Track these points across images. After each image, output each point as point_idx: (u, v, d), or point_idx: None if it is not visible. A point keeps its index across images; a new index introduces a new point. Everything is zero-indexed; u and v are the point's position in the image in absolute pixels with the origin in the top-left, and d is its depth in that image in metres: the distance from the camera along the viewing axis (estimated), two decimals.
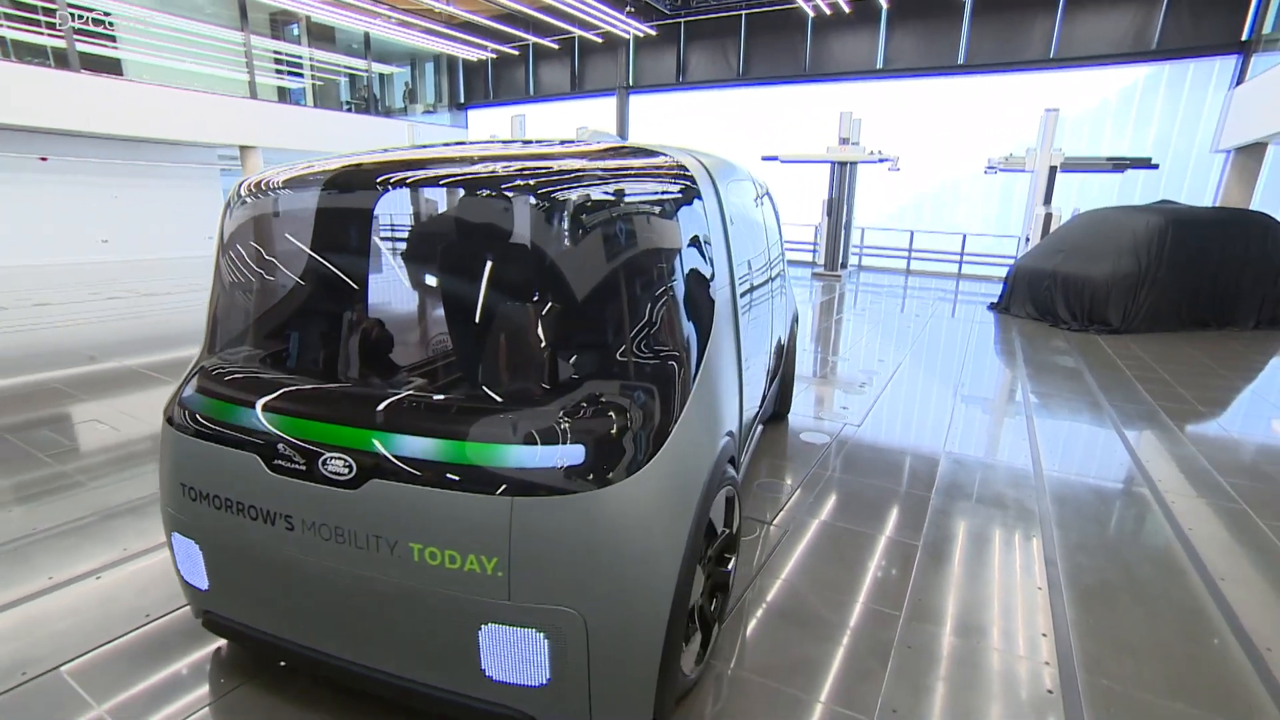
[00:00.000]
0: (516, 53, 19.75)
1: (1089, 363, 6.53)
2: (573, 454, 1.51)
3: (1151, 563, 2.88)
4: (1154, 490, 3.62)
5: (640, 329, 1.69)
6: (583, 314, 1.62)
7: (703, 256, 2.06)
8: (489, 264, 1.65)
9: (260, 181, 1.91)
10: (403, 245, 1.78)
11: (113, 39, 13.75)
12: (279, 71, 17.52)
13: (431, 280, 1.81)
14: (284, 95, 17.72)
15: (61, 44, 12.39)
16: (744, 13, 16.18)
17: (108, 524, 3.03)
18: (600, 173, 1.77)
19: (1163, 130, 13.17)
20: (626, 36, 17.04)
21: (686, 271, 1.92)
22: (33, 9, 12.04)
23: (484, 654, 1.56)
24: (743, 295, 2.55)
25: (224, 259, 1.97)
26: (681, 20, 16.93)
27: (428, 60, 21.50)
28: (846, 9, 13.99)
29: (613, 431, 1.56)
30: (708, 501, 1.81)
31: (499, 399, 1.59)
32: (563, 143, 2.20)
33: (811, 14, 14.70)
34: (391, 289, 1.79)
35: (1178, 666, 2.21)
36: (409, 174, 1.72)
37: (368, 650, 1.71)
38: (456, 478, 1.50)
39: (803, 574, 2.73)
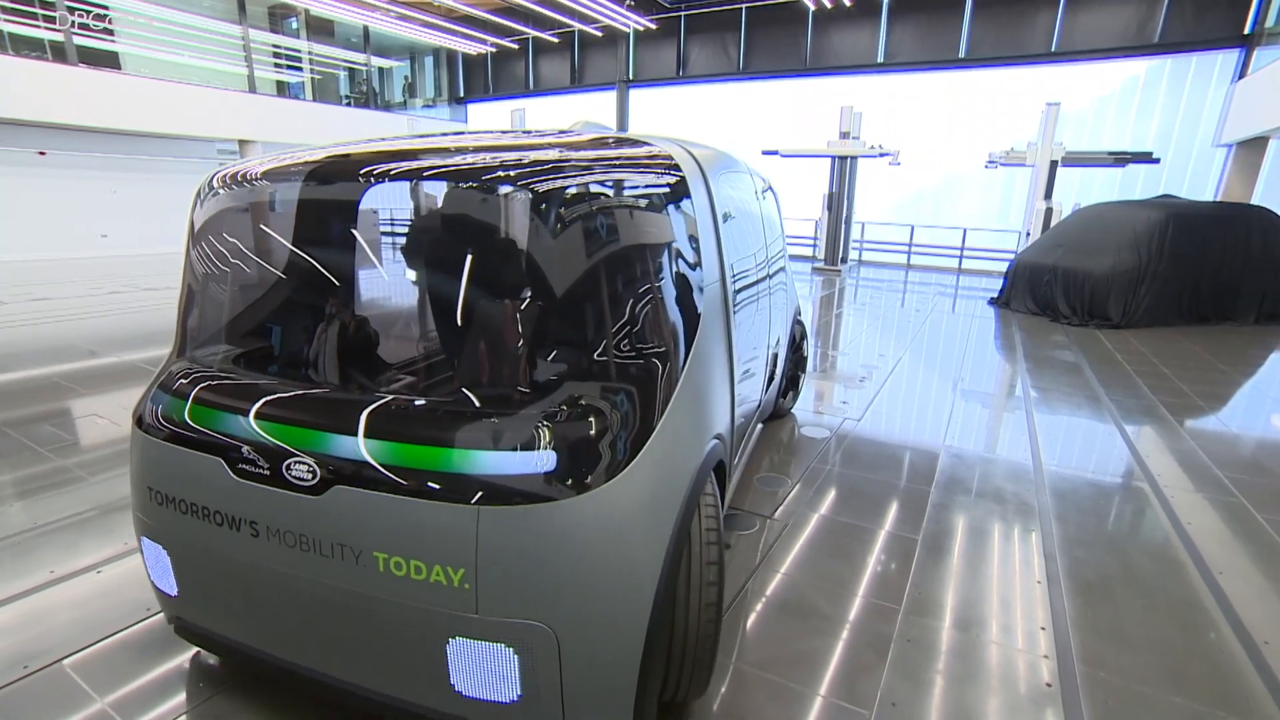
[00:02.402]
0: (516, 47, 19.67)
1: (1089, 358, 6.53)
2: (543, 460, 1.42)
3: (1150, 557, 2.89)
4: (1153, 485, 3.63)
5: (620, 328, 1.59)
6: (558, 311, 1.53)
7: (690, 251, 1.97)
8: (460, 259, 1.57)
9: (233, 173, 1.84)
10: (375, 239, 1.69)
11: (110, 32, 13.71)
12: (277, 65, 17.46)
13: (403, 276, 1.72)
14: (283, 89, 17.68)
15: (59, 37, 12.35)
16: (744, 6, 16.11)
17: (108, 518, 3.03)
18: (582, 163, 1.69)
19: (1164, 124, 13.13)
20: (626, 30, 16.98)
21: (671, 267, 1.83)
22: (30, 2, 11.99)
23: (453, 668, 1.50)
24: (736, 292, 2.45)
25: (193, 254, 1.88)
26: (681, 13, 16.86)
27: (427, 54, 21.42)
28: (847, 2, 13.93)
29: (586, 436, 1.47)
30: (691, 509, 1.69)
31: (469, 401, 1.51)
32: (547, 133, 2.10)
33: (812, 7, 14.63)
34: (364, 285, 1.70)
35: (1176, 660, 2.22)
36: (380, 166, 1.62)
37: (337, 662, 1.64)
38: (421, 485, 1.43)
39: (803, 568, 2.74)
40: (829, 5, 14.07)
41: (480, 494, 1.40)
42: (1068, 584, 2.65)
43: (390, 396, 1.57)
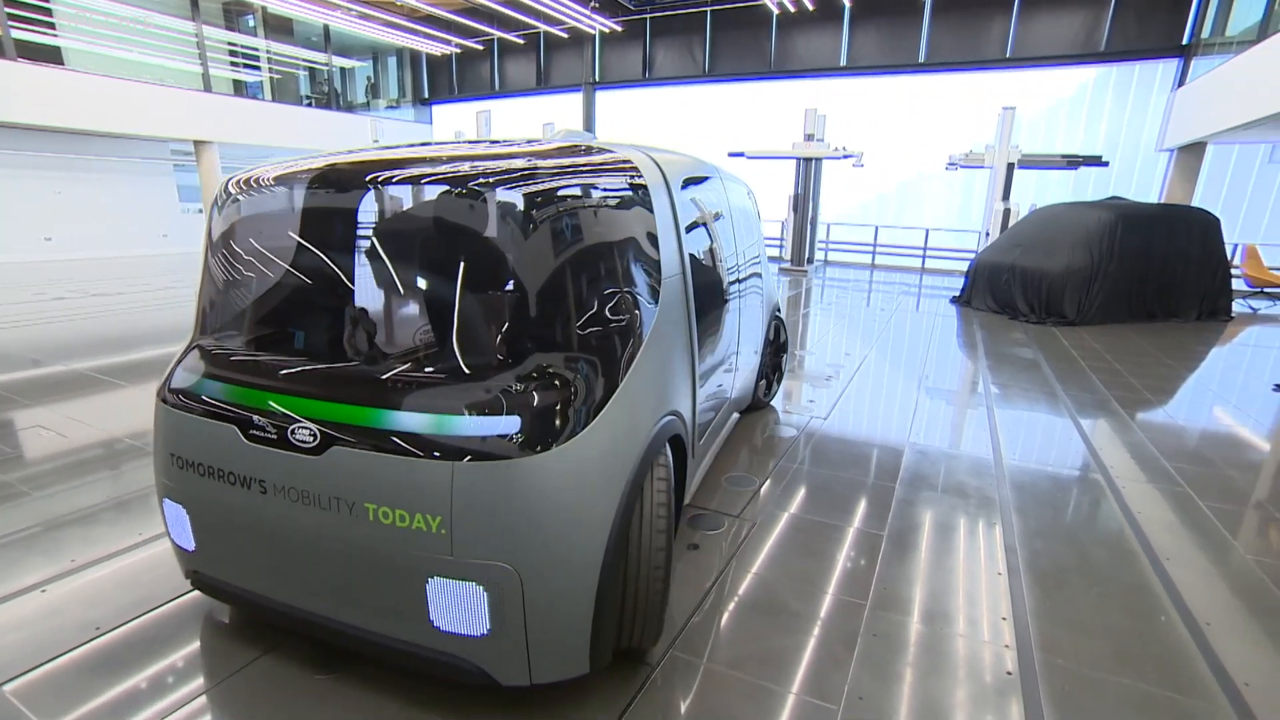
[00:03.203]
0: (481, 48, 19.49)
1: (1046, 354, 6.74)
2: (507, 424, 1.65)
3: (1104, 546, 2.99)
4: (1106, 476, 3.76)
5: (583, 311, 1.85)
6: (529, 297, 1.76)
7: (649, 246, 2.22)
8: (444, 252, 1.81)
9: (245, 178, 2.09)
10: (364, 237, 1.89)
11: (51, 25, 13.14)
12: (234, 64, 16.96)
13: (391, 269, 1.90)
14: (240, 88, 17.18)
15: None
16: (709, 9, 16.24)
17: (53, 535, 2.90)
18: (554, 170, 1.92)
19: (1112, 129, 13.67)
20: (592, 32, 16.95)
21: (630, 262, 2.08)
22: None
23: (432, 606, 1.71)
24: (698, 285, 2.64)
25: (211, 249, 2.13)
26: (647, 16, 16.91)
27: (390, 54, 21.06)
28: (810, 6, 14.15)
29: (544, 405, 1.70)
30: (643, 473, 1.90)
31: (447, 373, 1.74)
32: (527, 142, 2.29)
33: (776, 11, 14.83)
34: (360, 276, 1.90)
35: (1126, 644, 2.30)
36: (377, 173, 1.86)
37: (335, 604, 1.86)
38: (405, 444, 1.65)
39: (772, 566, 2.76)
40: (792, 9, 14.27)
41: (454, 452, 1.62)
42: (1027, 575, 2.73)
43: (381, 371, 1.79)
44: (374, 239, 1.88)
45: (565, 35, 17.55)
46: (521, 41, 18.60)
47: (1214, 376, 6.17)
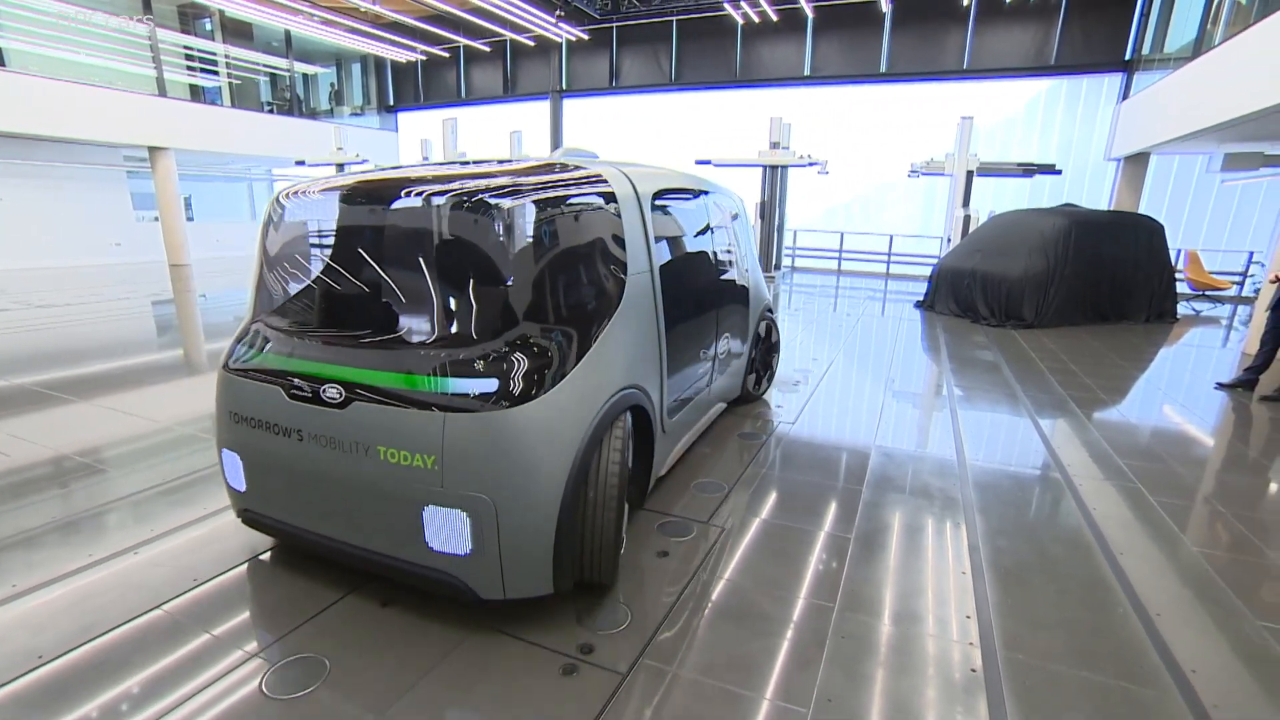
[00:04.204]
0: (447, 55, 19.33)
1: (1006, 356, 6.94)
2: (485, 384, 2.08)
3: (1062, 543, 3.08)
4: (1065, 474, 3.88)
5: (551, 300, 2.30)
6: (507, 288, 2.20)
7: (617, 249, 2.66)
8: (436, 251, 2.23)
9: (292, 191, 2.60)
10: (380, 238, 2.37)
11: None
12: (191, 68, 16.50)
13: (400, 263, 2.32)
14: (197, 94, 16.71)
15: None
16: (675, 19, 16.41)
17: None
18: (539, 184, 2.38)
19: (1064, 139, 14.20)
20: (559, 40, 16.97)
21: (598, 259, 2.54)
22: None
23: (428, 529, 2.14)
24: (669, 284, 3.02)
25: (264, 249, 2.63)
26: (613, 25, 17.01)
27: (354, 61, 20.75)
28: (774, 17, 14.41)
29: (515, 370, 2.13)
30: (601, 431, 2.32)
31: (442, 344, 2.16)
32: (520, 161, 2.79)
33: (740, 21, 15.06)
34: (377, 269, 2.33)
35: (1084, 637, 2.37)
36: (398, 187, 2.34)
37: (354, 532, 2.31)
38: (409, 400, 2.10)
39: (741, 571, 2.77)
40: (756, 19, 14.51)
41: (445, 406, 2.07)
42: (990, 573, 2.79)
43: (390, 343, 2.23)
44: (386, 240, 2.34)
45: (532, 44, 17.52)
46: (488, 49, 18.52)
47: (1162, 376, 6.43)
